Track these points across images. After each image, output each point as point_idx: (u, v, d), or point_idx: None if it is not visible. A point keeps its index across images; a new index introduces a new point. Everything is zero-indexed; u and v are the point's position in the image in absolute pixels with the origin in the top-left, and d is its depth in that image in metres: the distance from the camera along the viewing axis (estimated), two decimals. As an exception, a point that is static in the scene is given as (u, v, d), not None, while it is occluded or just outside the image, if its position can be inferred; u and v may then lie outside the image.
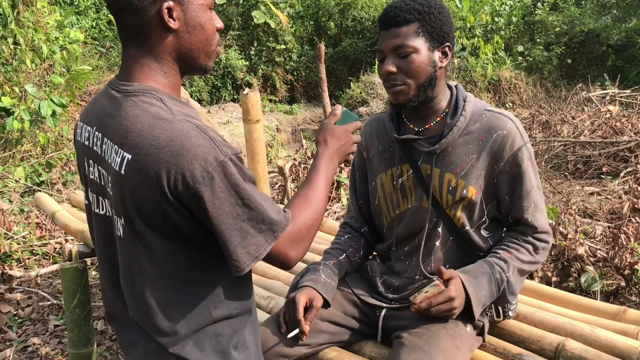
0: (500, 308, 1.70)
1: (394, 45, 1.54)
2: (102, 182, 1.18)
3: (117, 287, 1.24)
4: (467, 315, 1.54)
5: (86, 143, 1.20)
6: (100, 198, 1.21)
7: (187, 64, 1.19)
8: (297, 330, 1.55)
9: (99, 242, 1.27)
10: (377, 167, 1.75)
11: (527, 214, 1.61)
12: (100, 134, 1.15)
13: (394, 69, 1.55)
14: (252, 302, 1.30)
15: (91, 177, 1.22)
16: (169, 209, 1.08)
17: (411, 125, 1.68)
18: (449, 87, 1.68)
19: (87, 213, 1.32)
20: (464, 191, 1.60)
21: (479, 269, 1.57)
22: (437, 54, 1.57)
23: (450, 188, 1.61)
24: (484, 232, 1.66)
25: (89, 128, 1.20)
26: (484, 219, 1.66)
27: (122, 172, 1.09)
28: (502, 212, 1.65)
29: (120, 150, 1.10)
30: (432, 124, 1.65)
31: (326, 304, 1.64)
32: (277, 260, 1.19)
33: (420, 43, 1.54)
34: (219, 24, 1.21)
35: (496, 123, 1.59)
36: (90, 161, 1.20)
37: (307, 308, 1.59)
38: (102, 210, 1.21)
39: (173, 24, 1.12)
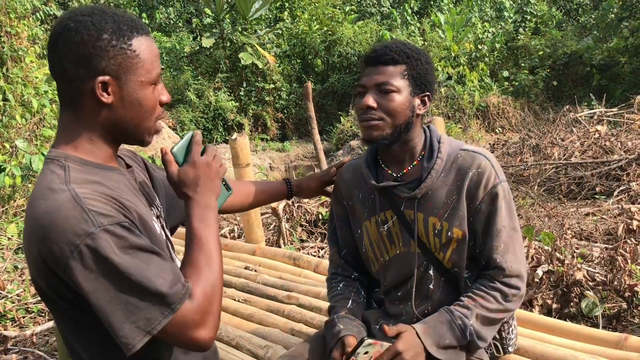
0: (499, 344, 1.68)
1: (377, 81, 1.53)
2: None
3: None
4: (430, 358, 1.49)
5: None
6: None
7: (121, 135, 1.17)
8: None
9: None
10: (360, 214, 1.72)
11: (496, 254, 1.55)
12: None
13: (374, 104, 1.53)
14: None
15: None
16: (52, 282, 1.04)
17: (389, 171, 1.66)
18: (422, 129, 1.68)
19: None
20: (449, 233, 1.57)
21: (437, 317, 1.53)
22: (417, 101, 1.57)
23: (436, 231, 1.59)
24: (464, 273, 1.63)
25: None
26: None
27: (24, 245, 1.09)
28: (477, 252, 1.61)
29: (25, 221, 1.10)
30: (409, 168, 1.63)
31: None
32: (186, 341, 1.06)
33: (403, 85, 1.54)
34: (164, 97, 1.19)
35: (471, 162, 1.57)
36: None
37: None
38: None
39: (107, 99, 1.10)
